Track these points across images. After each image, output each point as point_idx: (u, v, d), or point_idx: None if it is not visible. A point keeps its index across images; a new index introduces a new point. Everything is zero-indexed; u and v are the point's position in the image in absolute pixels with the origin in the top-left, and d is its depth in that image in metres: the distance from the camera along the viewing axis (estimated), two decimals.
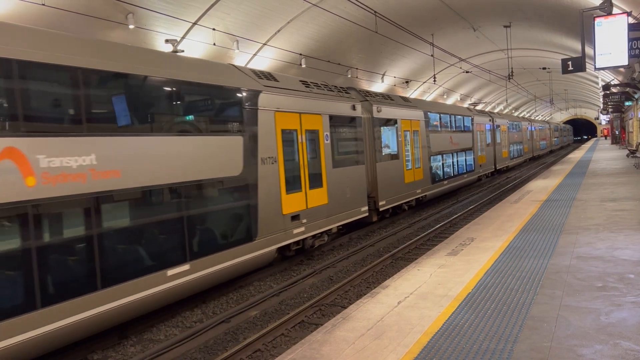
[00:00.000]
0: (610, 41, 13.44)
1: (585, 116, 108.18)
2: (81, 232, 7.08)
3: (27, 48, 6.60)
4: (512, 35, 30.59)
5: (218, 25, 18.19)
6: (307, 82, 13.21)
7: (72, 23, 14.41)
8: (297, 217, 11.89)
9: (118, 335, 8.25)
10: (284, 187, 11.38)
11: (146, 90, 8.44)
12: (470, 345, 5.08)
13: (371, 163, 16.26)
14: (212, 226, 9.41)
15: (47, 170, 6.61)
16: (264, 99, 10.85)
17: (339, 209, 13.67)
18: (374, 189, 16.28)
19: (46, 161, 6.62)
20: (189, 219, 8.75)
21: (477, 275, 7.51)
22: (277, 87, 11.49)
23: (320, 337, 5.64)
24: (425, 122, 20.56)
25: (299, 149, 12.12)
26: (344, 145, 14.33)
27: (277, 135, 11.20)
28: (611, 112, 48.96)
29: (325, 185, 13.09)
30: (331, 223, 13.33)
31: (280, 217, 11.25)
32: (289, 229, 11.52)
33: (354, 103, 14.94)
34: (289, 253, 12.00)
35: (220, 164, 9.52)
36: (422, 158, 19.98)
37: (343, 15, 19.98)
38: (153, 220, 8.17)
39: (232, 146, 9.92)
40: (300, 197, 12.04)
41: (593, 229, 10.18)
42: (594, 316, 5.56)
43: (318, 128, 12.91)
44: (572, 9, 20.69)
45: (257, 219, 10.47)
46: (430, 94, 41.23)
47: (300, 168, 12.11)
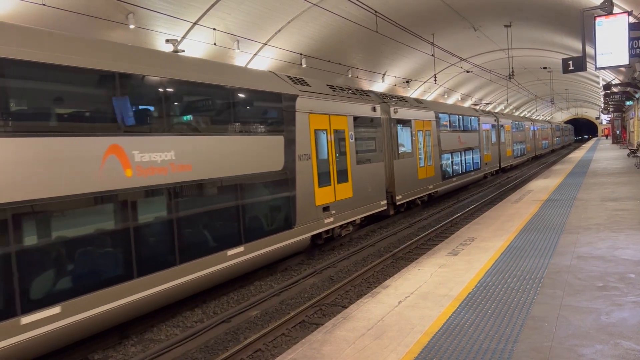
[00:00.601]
0: (611, 41, 13.43)
1: (586, 116, 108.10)
2: (164, 216, 8.38)
3: (143, 64, 8.24)
4: (513, 35, 30.58)
5: (219, 25, 18.19)
6: (333, 87, 14.51)
7: (72, 23, 14.41)
8: (328, 209, 13.13)
9: (119, 335, 8.25)
10: (316, 181, 12.62)
11: (212, 96, 9.82)
12: (471, 345, 5.08)
13: (389, 160, 17.33)
14: (260, 214, 10.73)
15: (140, 164, 7.91)
16: (300, 102, 12.13)
17: (361, 202, 14.88)
18: (391, 185, 17.37)
19: (139, 156, 7.91)
20: (243, 207, 10.10)
21: (477, 275, 7.51)
22: (311, 91, 12.78)
23: (320, 337, 5.64)
24: (436, 122, 21.66)
25: (329, 147, 13.33)
26: (365, 144, 15.52)
27: (310, 134, 12.46)
28: (612, 111, 48.91)
29: (350, 180, 14.29)
30: (355, 215, 14.53)
31: (314, 208, 12.50)
32: (320, 219, 12.79)
33: (374, 105, 16.16)
34: (319, 241, 13.14)
35: (266, 160, 10.86)
36: (434, 156, 21.15)
37: (344, 15, 19.97)
38: (216, 207, 9.49)
39: (276, 144, 11.23)
40: (330, 190, 13.27)
41: (594, 229, 10.17)
42: (595, 316, 5.55)
43: (344, 128, 14.15)
44: (572, 8, 20.67)
45: (295, 209, 11.74)
46: (431, 93, 41.21)
47: (329, 164, 13.34)
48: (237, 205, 9.92)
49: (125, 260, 7.67)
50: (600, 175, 21.34)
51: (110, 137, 7.50)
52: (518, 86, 49.17)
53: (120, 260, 7.63)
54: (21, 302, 6.31)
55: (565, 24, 25.26)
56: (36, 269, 6.57)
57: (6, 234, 6.19)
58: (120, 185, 7.55)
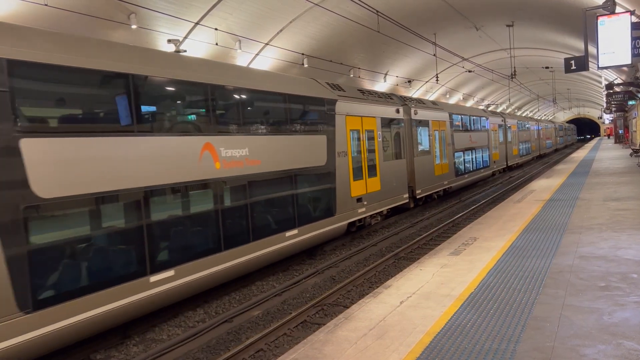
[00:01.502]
0: (614, 40, 13.38)
1: (588, 115, 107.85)
2: (241, 202, 10.04)
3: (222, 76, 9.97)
4: (515, 35, 30.53)
5: (220, 25, 18.20)
6: (362, 91, 16.22)
7: (74, 23, 14.43)
8: (360, 200, 14.66)
9: (121, 335, 8.26)
10: (351, 175, 14.24)
11: (274, 102, 11.51)
12: (473, 345, 5.07)
13: (410, 157, 18.83)
14: (309, 202, 12.38)
15: (225, 158, 9.58)
16: (339, 106, 13.76)
17: (388, 195, 16.46)
18: (412, 180, 18.89)
19: (224, 152, 9.57)
20: (296, 196, 11.80)
21: (479, 275, 7.50)
22: (346, 96, 14.41)
23: (322, 337, 5.63)
24: (450, 122, 23.17)
25: (361, 145, 14.92)
26: (390, 142, 17.07)
27: (347, 134, 14.08)
28: (614, 111, 48.77)
29: (378, 174, 15.89)
30: (383, 206, 16.14)
31: (350, 199, 14.10)
32: (355, 209, 14.36)
33: (397, 107, 17.64)
34: (352, 229, 14.51)
35: (314, 156, 12.55)
36: (448, 154, 22.69)
37: (345, 15, 19.96)
38: (278, 196, 11.18)
39: (320, 143, 12.89)
40: (362, 183, 14.84)
41: (596, 229, 10.15)
42: (597, 316, 5.54)
43: (373, 128, 15.73)
44: (575, 8, 20.63)
45: (335, 199, 13.36)
46: (433, 93, 41.17)
47: (362, 160, 14.94)
48: (293, 195, 11.67)
49: (215, 236, 9.38)
50: (603, 175, 21.29)
51: (206, 136, 9.22)
52: (520, 86, 49.11)
53: (212, 235, 9.34)
54: (150, 265, 7.99)
55: (568, 23, 25.21)
56: (159, 239, 8.20)
57: (140, 210, 7.88)
58: (212, 175, 9.29)
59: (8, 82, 6.27)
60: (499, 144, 33.26)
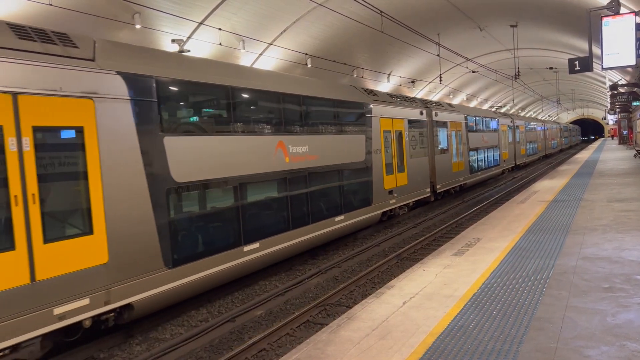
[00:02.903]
0: (618, 41, 13.34)
1: (592, 116, 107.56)
2: (303, 190, 11.97)
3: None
4: (519, 35, 30.46)
5: (224, 25, 18.21)
6: (391, 95, 18.21)
7: (79, 23, 14.47)
8: (392, 192, 16.51)
9: (124, 334, 8.28)
10: (384, 170, 16.10)
11: (326, 106, 13.43)
12: (476, 345, 5.07)
13: (431, 155, 20.47)
14: (352, 193, 14.21)
15: (292, 154, 11.59)
16: (374, 109, 15.68)
17: (413, 189, 18.30)
18: (433, 175, 20.59)
19: (292, 149, 11.61)
20: (342, 187, 13.66)
21: (482, 276, 7.49)
22: (379, 100, 16.36)
23: (325, 337, 5.63)
24: (465, 123, 24.89)
25: (392, 144, 16.75)
26: (415, 142, 18.82)
27: (380, 134, 15.96)
28: (618, 112, 48.62)
29: (406, 170, 17.73)
30: (409, 199, 17.99)
31: (383, 191, 15.95)
32: (387, 200, 16.20)
33: (421, 109, 19.56)
34: (384, 218, 16.41)
35: (355, 153, 14.40)
36: (463, 153, 24.43)
37: (349, 15, 19.94)
38: (329, 186, 13.09)
39: (360, 141, 14.77)
40: (393, 178, 16.68)
41: (600, 230, 10.12)
42: (601, 317, 5.53)
43: (402, 129, 17.55)
44: (579, 8, 20.58)
45: (372, 190, 15.18)
46: (436, 93, 41.12)
47: (392, 157, 16.74)
48: (340, 186, 13.54)
49: (285, 217, 11.27)
50: (607, 176, 21.23)
51: (279, 136, 11.21)
52: (524, 86, 49.01)
53: (283, 217, 11.21)
54: (243, 237, 9.90)
55: (572, 24, 25.14)
56: (248, 217, 10.09)
57: (237, 195, 9.85)
58: (283, 167, 11.26)
59: (156, 94, 8.26)
60: (508, 143, 34.79)
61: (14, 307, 6.10)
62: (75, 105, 7.01)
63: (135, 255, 7.65)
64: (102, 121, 7.34)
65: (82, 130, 7.09)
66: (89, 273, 6.99)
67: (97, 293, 7.07)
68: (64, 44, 7.17)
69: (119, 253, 7.40)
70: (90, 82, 7.26)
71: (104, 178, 7.28)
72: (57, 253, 6.63)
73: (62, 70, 6.88)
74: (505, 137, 33.92)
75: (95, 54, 7.52)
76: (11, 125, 6.27)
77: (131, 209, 7.66)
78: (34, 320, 6.31)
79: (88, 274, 6.97)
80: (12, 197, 6.23)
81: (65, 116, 6.90)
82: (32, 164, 6.44)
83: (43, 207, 6.53)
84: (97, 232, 7.15)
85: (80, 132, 7.08)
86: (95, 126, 7.25)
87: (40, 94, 6.59)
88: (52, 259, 6.57)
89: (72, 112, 6.99)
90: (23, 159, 6.35)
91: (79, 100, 7.06)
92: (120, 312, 7.60)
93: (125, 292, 7.47)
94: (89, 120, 7.19)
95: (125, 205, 7.58)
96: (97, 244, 7.14)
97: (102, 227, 7.21)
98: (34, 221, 6.41)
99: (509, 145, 35.01)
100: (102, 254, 7.20)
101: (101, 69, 7.45)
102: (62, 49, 7.05)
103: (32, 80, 6.52)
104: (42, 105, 6.62)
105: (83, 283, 6.89)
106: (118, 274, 7.37)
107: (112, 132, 7.50)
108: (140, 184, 7.82)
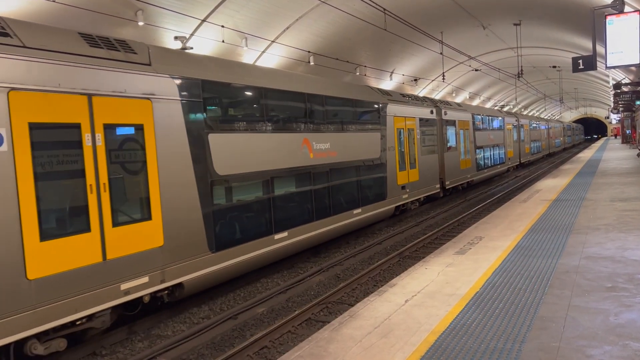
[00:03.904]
0: (622, 40, 13.29)
1: (595, 115, 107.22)
2: (325, 184, 12.77)
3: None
4: (522, 34, 30.36)
5: (227, 22, 18.19)
6: (404, 94, 18.95)
7: (81, 20, 14.47)
8: (404, 187, 17.28)
9: (126, 331, 8.30)
10: (397, 166, 16.83)
11: (345, 105, 14.18)
12: (478, 344, 5.06)
13: (440, 153, 21.19)
14: (368, 187, 14.93)
15: (316, 150, 12.39)
16: (388, 108, 16.46)
17: (424, 185, 18.99)
18: (442, 172, 21.24)
19: (316, 145, 12.40)
20: (360, 182, 14.45)
21: (485, 275, 7.48)
22: (393, 99, 17.15)
23: (327, 335, 5.63)
24: (472, 122, 25.51)
25: (404, 141, 17.49)
26: (426, 139, 19.56)
27: (394, 132, 16.70)
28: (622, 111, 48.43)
29: (417, 167, 18.44)
30: (420, 194, 18.74)
31: (397, 186, 16.72)
32: (400, 195, 16.97)
33: (431, 109, 20.31)
34: (397, 212, 17.14)
35: (371, 150, 15.16)
36: (471, 150, 25.08)
37: (352, 13, 19.91)
38: (348, 180, 13.85)
39: (376, 139, 15.52)
40: (405, 174, 17.43)
41: (603, 229, 10.10)
42: (603, 317, 5.52)
43: (413, 127, 18.33)
44: (583, 7, 20.50)
45: (386, 185, 15.95)
46: (439, 92, 41.05)
47: (405, 154, 17.47)
48: (357, 181, 14.30)
49: (309, 209, 12.11)
50: (610, 175, 21.18)
51: (304, 133, 12.01)
52: (527, 85, 48.87)
53: (307, 208, 12.03)
54: (274, 226, 10.74)
55: (576, 22, 25.05)
56: (278, 207, 10.89)
57: (268, 187, 10.66)
58: (308, 163, 12.09)
59: (201, 95, 9.05)
60: (513, 142, 35.52)
61: (91, 282, 6.99)
62: (136, 105, 7.84)
63: (185, 239, 8.51)
64: (158, 119, 8.17)
65: (142, 127, 7.93)
66: (148, 254, 7.82)
67: (154, 272, 7.89)
68: (125, 50, 7.94)
69: (172, 237, 8.24)
70: (148, 85, 8.07)
71: (160, 170, 8.16)
72: (123, 236, 7.47)
73: (126, 74, 7.72)
74: (511, 135, 34.56)
75: (151, 59, 8.32)
76: (87, 123, 7.12)
77: (182, 198, 8.53)
78: (106, 294, 7.19)
79: (147, 255, 7.81)
80: (88, 186, 7.10)
81: (129, 115, 7.73)
82: (104, 157, 7.29)
83: (112, 195, 7.37)
84: (154, 218, 7.99)
85: (141, 129, 7.92)
86: (153, 124, 8.09)
87: (109, 95, 7.43)
88: (119, 241, 7.40)
89: (134, 111, 7.81)
90: (96, 152, 7.20)
91: (139, 100, 7.90)
92: (172, 290, 8.41)
93: (177, 272, 8.30)
94: (148, 119, 8.02)
95: (177, 194, 8.45)
96: (154, 228, 7.98)
97: (158, 213, 8.06)
98: (105, 207, 7.26)
99: (514, 143, 35.62)
100: (159, 237, 8.03)
101: (157, 72, 8.28)
102: (124, 55, 7.84)
103: (104, 83, 7.36)
104: (111, 105, 7.44)
105: (143, 263, 7.74)
106: (171, 256, 8.21)
107: (166, 129, 8.32)
108: (189, 176, 8.71)
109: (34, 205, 6.38)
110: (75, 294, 6.77)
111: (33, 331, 6.29)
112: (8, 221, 6.11)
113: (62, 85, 6.83)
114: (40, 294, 6.36)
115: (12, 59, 6.31)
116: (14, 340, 6.12)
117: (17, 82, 6.32)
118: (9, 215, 6.13)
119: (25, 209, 6.29)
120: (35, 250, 6.35)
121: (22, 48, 6.49)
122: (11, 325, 6.06)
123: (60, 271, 6.60)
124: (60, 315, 6.58)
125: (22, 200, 6.26)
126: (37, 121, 6.51)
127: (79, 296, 6.80)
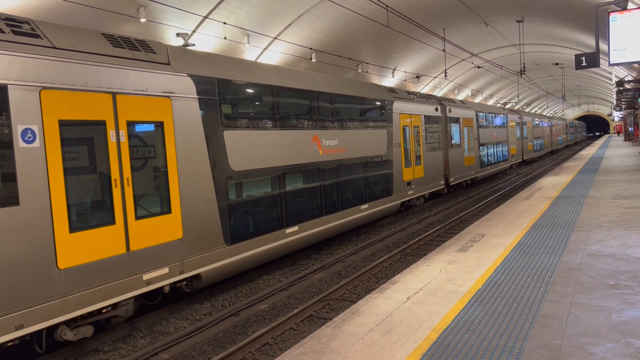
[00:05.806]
0: (625, 37, 13.25)
1: (598, 112, 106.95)
2: (334, 180, 13.07)
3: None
4: (525, 31, 30.29)
5: (229, 19, 18.17)
6: (409, 92, 19.12)
7: (83, 16, 14.46)
8: (410, 184, 17.61)
9: (129, 327, 8.31)
10: (403, 163, 17.13)
11: (354, 103, 14.41)
12: (480, 341, 5.06)
13: (445, 150, 21.45)
14: (375, 183, 15.25)
15: (325, 147, 12.66)
16: (395, 105, 16.76)
17: (429, 181, 19.34)
18: (447, 169, 21.58)
19: (325, 142, 12.69)
20: (367, 178, 14.74)
21: (487, 272, 7.47)
22: (399, 97, 17.40)
23: (329, 332, 5.63)
24: (476, 119, 25.80)
25: (410, 138, 17.79)
26: (431, 136, 19.84)
27: (400, 129, 17.00)
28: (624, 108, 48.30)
29: (422, 163, 18.74)
30: (425, 190, 19.04)
31: (402, 182, 17.04)
32: (406, 191, 17.31)
33: (436, 106, 20.44)
34: (402, 208, 17.45)
35: (378, 146, 15.44)
36: (474, 148, 25.36)
37: (354, 10, 19.87)
38: (356, 176, 14.16)
39: (382, 136, 15.78)
40: (411, 170, 17.76)
41: (605, 227, 10.08)
42: (606, 314, 5.51)
43: (419, 124, 18.62)
44: (586, 3, 20.43)
45: (392, 181, 16.27)
46: (441, 89, 40.98)
47: (410, 151, 17.75)
48: (365, 177, 14.62)
49: (319, 204, 12.42)
50: (612, 173, 21.13)
51: (314, 130, 12.28)
52: (529, 82, 48.77)
53: (317, 203, 12.35)
54: (285, 221, 11.09)
55: (579, 19, 24.97)
56: (289, 202, 11.24)
57: (280, 182, 10.99)
58: (317, 159, 12.36)
59: (217, 93, 9.34)
60: (516, 139, 35.82)
61: (116, 272, 7.31)
62: (157, 103, 8.12)
63: (203, 232, 8.84)
64: (177, 117, 8.46)
65: (162, 124, 8.21)
66: (168, 246, 8.15)
67: (174, 264, 8.23)
68: (145, 50, 8.18)
69: (190, 230, 8.57)
70: (168, 83, 8.35)
71: (179, 165, 8.47)
72: (145, 228, 7.77)
73: (147, 73, 7.98)
74: (514, 133, 34.90)
75: (170, 59, 8.55)
76: (112, 120, 7.38)
77: (199, 192, 8.84)
78: (129, 283, 7.51)
79: (167, 247, 8.13)
80: (113, 180, 7.37)
81: (150, 112, 8.01)
82: (127, 152, 7.58)
83: (135, 189, 7.66)
84: (174, 212, 8.32)
85: (161, 126, 8.20)
86: (172, 121, 8.38)
87: (132, 93, 7.70)
88: (141, 233, 7.70)
89: (155, 108, 8.09)
90: (120, 148, 7.47)
91: (160, 99, 8.17)
92: (191, 281, 8.75)
93: (196, 264, 8.64)
94: (168, 116, 8.30)
95: (195, 189, 8.76)
96: (174, 221, 8.30)
97: (178, 207, 8.38)
98: (128, 200, 7.54)
99: (517, 140, 35.92)
100: (178, 230, 8.36)
101: (176, 71, 8.53)
102: (145, 55, 8.09)
103: (127, 82, 7.62)
104: (133, 103, 7.70)
105: (164, 255, 8.07)
106: (190, 248, 8.55)
107: (185, 126, 8.62)
108: (206, 171, 9.01)
109: (63, 199, 6.68)
110: (102, 283, 7.09)
111: (63, 318, 6.61)
112: (41, 213, 6.40)
113: (89, 84, 7.10)
114: (70, 283, 6.69)
115: (43, 59, 6.56)
116: (47, 326, 6.44)
117: (47, 81, 6.57)
118: (42, 207, 6.42)
119: (56, 202, 6.59)
120: (65, 241, 6.67)
121: (52, 49, 6.72)
122: (44, 312, 6.37)
123: (87, 261, 6.93)
124: (88, 303, 6.92)
125: (53, 193, 6.55)
126: (66, 118, 6.78)
127: (104, 285, 7.12)
